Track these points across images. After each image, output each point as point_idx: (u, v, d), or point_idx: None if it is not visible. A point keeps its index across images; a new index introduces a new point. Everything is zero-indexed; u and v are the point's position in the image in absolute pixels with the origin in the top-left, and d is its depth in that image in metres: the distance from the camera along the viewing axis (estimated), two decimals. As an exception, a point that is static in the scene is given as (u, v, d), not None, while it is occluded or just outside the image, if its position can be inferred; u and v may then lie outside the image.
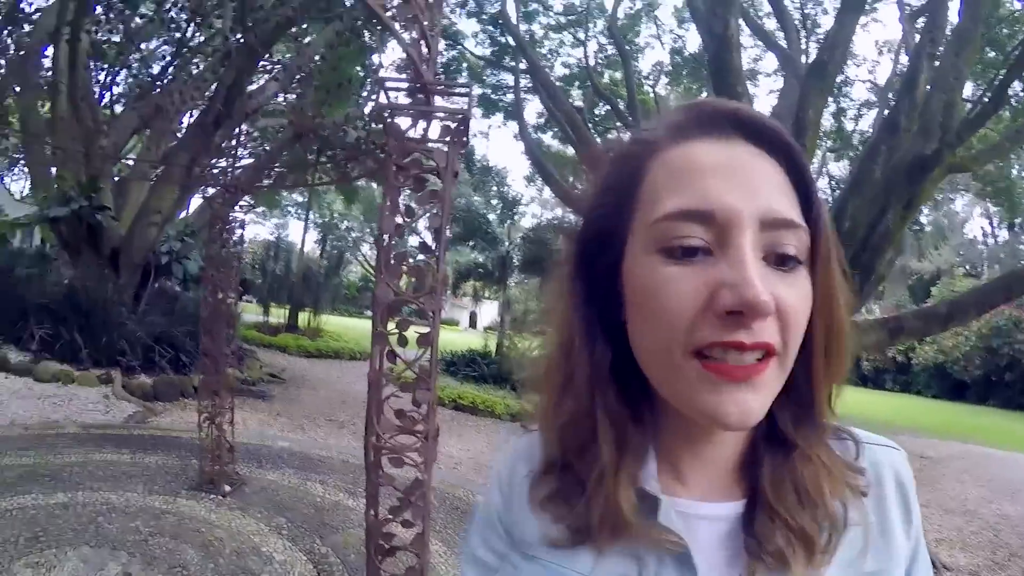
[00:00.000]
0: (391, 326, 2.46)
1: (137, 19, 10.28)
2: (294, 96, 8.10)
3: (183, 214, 12.05)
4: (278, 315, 18.72)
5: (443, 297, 2.56)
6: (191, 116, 9.18)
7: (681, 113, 0.60)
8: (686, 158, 0.55)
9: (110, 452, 5.28)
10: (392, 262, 2.49)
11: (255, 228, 35.73)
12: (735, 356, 0.51)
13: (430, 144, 2.47)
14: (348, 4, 8.80)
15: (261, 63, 8.00)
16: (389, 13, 2.54)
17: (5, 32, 9.88)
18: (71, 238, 9.03)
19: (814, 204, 0.56)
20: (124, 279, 8.98)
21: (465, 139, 2.53)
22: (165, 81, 10.88)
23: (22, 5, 9.75)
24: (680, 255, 0.53)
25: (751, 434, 0.61)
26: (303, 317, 18.52)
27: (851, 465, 0.61)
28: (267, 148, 5.94)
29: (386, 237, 2.49)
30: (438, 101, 2.56)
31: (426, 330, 2.47)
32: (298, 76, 8.05)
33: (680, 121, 0.58)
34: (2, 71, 10.39)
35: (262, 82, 8.31)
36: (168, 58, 11.40)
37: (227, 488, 4.79)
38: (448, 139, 2.47)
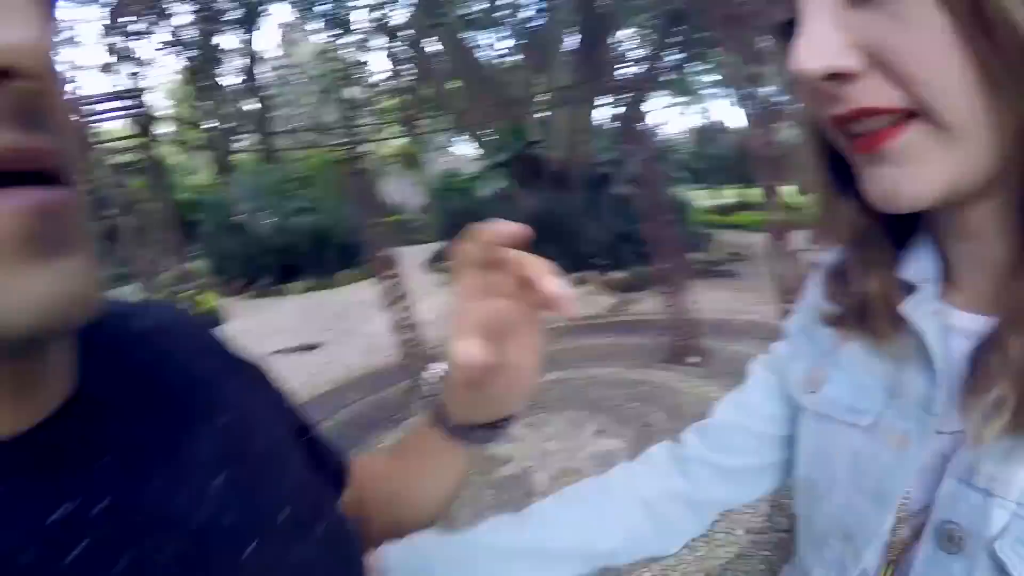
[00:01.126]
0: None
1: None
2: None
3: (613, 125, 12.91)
4: (728, 196, 18.65)
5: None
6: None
7: None
8: None
9: (593, 338, 6.19)
10: (759, 117, 2.41)
11: (685, 119, 35.64)
12: (857, 125, 0.43)
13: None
14: None
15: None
16: None
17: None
18: (519, 175, 10.52)
19: None
20: (575, 194, 10.09)
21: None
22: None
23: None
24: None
25: None
26: (753, 192, 18.13)
27: None
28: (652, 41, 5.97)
29: (746, 92, 2.41)
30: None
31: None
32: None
33: None
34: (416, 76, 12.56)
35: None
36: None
37: (694, 359, 5.19)
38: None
